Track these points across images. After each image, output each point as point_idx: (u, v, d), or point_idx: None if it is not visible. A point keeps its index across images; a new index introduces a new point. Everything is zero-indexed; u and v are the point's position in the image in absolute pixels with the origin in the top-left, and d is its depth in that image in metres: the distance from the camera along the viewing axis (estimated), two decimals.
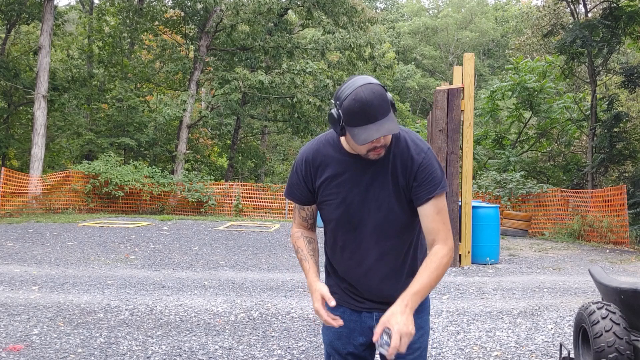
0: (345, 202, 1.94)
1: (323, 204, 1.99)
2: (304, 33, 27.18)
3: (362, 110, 1.75)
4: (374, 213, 1.93)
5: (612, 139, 15.11)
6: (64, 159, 25.11)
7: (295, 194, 2.04)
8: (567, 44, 14.73)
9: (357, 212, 1.94)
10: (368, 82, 1.78)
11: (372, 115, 1.75)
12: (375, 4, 50.08)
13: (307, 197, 2.02)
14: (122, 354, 4.15)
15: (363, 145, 1.83)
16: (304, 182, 2.00)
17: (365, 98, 1.75)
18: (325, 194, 1.96)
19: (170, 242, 10.05)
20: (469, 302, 5.90)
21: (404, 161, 1.92)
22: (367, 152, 1.86)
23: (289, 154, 30.23)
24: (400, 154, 1.93)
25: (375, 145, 1.84)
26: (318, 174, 1.97)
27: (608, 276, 3.46)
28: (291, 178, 2.05)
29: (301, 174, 2.00)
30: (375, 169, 1.93)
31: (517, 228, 12.60)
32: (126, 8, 21.71)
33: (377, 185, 1.93)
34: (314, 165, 1.98)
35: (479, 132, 21.68)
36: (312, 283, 1.98)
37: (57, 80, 20.19)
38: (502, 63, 36.09)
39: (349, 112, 1.77)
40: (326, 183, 1.96)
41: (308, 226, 2.11)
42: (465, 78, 8.70)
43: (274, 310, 5.42)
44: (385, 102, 1.78)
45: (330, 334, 2.08)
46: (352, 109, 1.76)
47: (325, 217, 2.02)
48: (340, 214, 1.95)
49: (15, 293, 5.93)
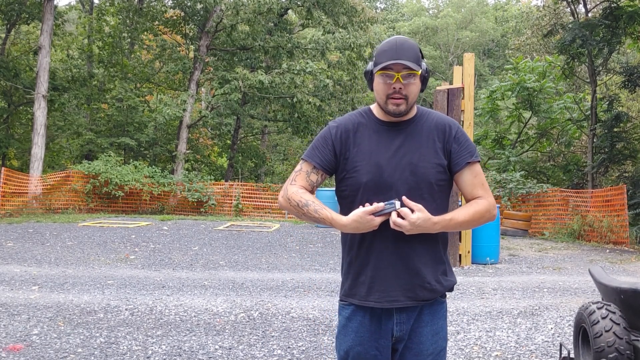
0: (377, 166, 1.93)
1: (353, 171, 1.95)
2: (304, 33, 27.18)
3: (390, 49, 1.89)
4: (408, 177, 1.93)
5: (612, 139, 15.11)
6: (64, 159, 25.11)
7: (318, 156, 2.00)
8: (567, 44, 14.73)
9: (391, 176, 1.93)
10: (407, 38, 1.94)
11: (398, 54, 1.88)
12: (375, 4, 50.07)
13: (328, 161, 2.00)
14: (122, 353, 4.15)
15: (383, 88, 1.92)
16: (333, 146, 1.99)
17: (396, 40, 1.91)
18: (357, 159, 1.95)
19: (170, 242, 10.05)
20: (469, 302, 5.90)
21: (441, 126, 2.00)
22: (387, 99, 1.92)
23: (289, 154, 30.22)
24: (435, 120, 2.02)
25: (395, 87, 1.90)
26: (351, 140, 1.99)
27: (608, 276, 3.46)
28: (317, 142, 2.03)
29: (331, 138, 2.00)
30: (411, 133, 1.98)
31: (517, 228, 12.60)
32: (126, 8, 21.71)
33: (412, 149, 1.95)
34: (347, 130, 2.00)
35: (479, 132, 21.67)
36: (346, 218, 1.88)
37: (57, 80, 20.18)
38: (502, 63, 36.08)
39: (380, 53, 1.92)
40: (359, 149, 1.97)
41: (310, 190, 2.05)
42: (465, 78, 8.70)
43: (274, 310, 5.42)
44: (414, 52, 1.90)
45: (349, 340, 2.01)
46: (382, 47, 1.92)
47: (354, 187, 1.95)
48: (370, 178, 1.92)
49: (15, 293, 5.93)
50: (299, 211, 1.97)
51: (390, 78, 1.90)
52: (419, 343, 1.99)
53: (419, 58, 1.92)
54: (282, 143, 31.26)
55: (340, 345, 2.04)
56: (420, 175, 1.93)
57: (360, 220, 1.84)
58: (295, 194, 1.98)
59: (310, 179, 2.02)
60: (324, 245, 10.12)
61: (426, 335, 1.99)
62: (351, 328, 2.00)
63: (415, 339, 1.99)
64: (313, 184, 2.02)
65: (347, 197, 1.99)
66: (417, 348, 1.99)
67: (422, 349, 1.99)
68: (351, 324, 2.00)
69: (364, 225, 1.84)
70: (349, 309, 2.02)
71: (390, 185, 1.92)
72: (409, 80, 1.91)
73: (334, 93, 22.10)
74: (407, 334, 1.98)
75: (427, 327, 2.00)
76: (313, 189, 2.04)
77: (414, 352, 1.99)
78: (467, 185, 1.99)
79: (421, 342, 1.99)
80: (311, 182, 2.02)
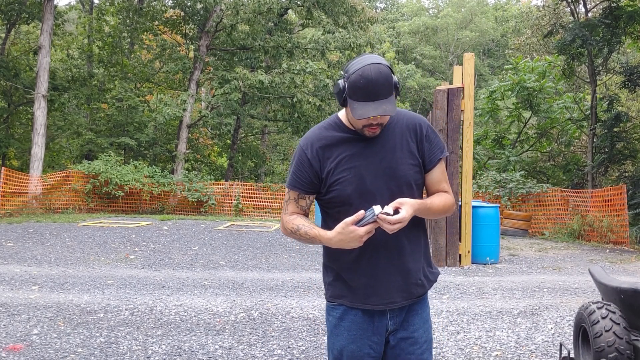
0: (359, 176, 1.95)
1: (336, 184, 1.96)
2: (304, 33, 27.15)
3: (365, 87, 1.83)
4: (389, 182, 1.96)
5: (612, 139, 15.11)
6: (64, 159, 25.09)
7: (300, 182, 2.01)
8: (567, 44, 14.72)
9: (372, 184, 1.95)
10: (377, 62, 1.86)
11: (374, 94, 1.83)
12: (375, 3, 50.06)
13: (311, 184, 2.00)
14: (122, 353, 4.15)
15: (359, 121, 1.90)
16: (311, 168, 1.98)
17: (370, 76, 1.83)
18: (337, 172, 1.96)
19: (170, 241, 10.04)
20: (469, 302, 5.90)
21: (412, 126, 2.03)
22: (363, 127, 1.93)
23: (289, 153, 30.20)
24: (406, 120, 2.03)
25: (372, 122, 1.90)
26: (326, 155, 1.98)
27: (608, 276, 3.45)
28: (295, 167, 2.02)
29: (307, 159, 1.99)
30: (384, 139, 1.99)
31: (517, 228, 12.60)
32: (126, 8, 21.70)
33: (387, 154, 1.98)
34: (321, 147, 1.99)
35: (479, 132, 21.66)
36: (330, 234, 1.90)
37: (57, 80, 20.18)
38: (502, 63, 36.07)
39: (354, 86, 1.85)
40: (337, 162, 1.97)
41: (304, 214, 2.08)
42: (465, 78, 8.70)
43: (274, 310, 5.42)
44: (389, 85, 1.85)
45: (342, 339, 2.02)
46: (357, 83, 1.84)
47: (338, 199, 1.97)
48: (354, 188, 1.94)
49: (15, 293, 5.93)
50: (295, 236, 2.02)
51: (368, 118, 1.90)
52: (413, 332, 2.04)
53: (392, 86, 1.86)
54: (282, 143, 31.25)
55: (334, 345, 2.05)
56: (400, 178, 1.97)
57: (343, 232, 1.84)
58: (288, 222, 2.03)
59: (299, 204, 2.05)
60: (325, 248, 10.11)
61: (418, 323, 2.05)
62: (343, 327, 2.02)
63: (410, 328, 2.04)
64: (304, 208, 2.06)
65: (332, 209, 2.01)
66: (413, 337, 2.04)
67: (417, 337, 2.04)
68: (343, 323, 2.02)
69: (349, 237, 1.84)
70: (340, 309, 2.03)
71: (374, 192, 1.95)
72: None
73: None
74: (399, 325, 2.03)
75: (418, 315, 2.06)
76: (307, 212, 2.07)
77: (410, 341, 2.04)
78: (435, 182, 2.06)
79: (415, 330, 2.04)
80: (302, 207, 2.05)
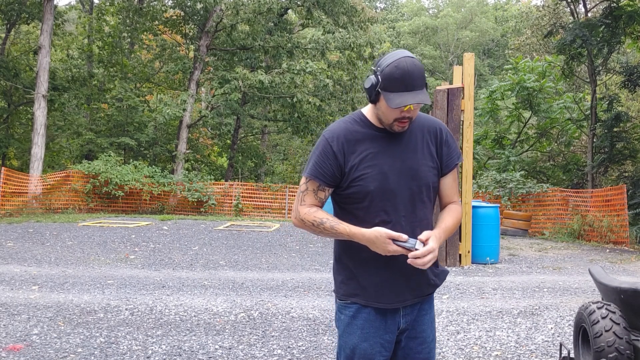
0: (382, 174, 1.96)
1: (359, 180, 1.96)
2: (304, 33, 27.16)
3: (402, 78, 1.87)
4: (410, 182, 1.98)
5: (612, 138, 15.11)
6: (64, 159, 25.11)
7: (322, 174, 1.98)
8: (567, 44, 14.73)
9: (395, 182, 1.96)
10: (410, 56, 1.92)
11: (410, 84, 1.87)
12: (375, 3, 50.07)
13: (333, 176, 1.99)
14: (122, 353, 4.15)
15: (392, 113, 1.92)
16: (335, 160, 1.97)
17: (407, 67, 1.87)
18: (361, 168, 1.96)
19: (170, 241, 10.05)
20: (469, 302, 5.90)
21: (432, 129, 2.08)
22: (393, 121, 1.95)
23: (289, 153, 30.22)
24: (426, 124, 2.07)
25: (405, 115, 1.93)
26: (351, 149, 1.98)
27: (608, 276, 3.45)
28: (318, 158, 2.00)
29: (333, 152, 1.98)
30: (406, 139, 2.01)
31: (517, 228, 12.60)
32: (126, 8, 21.70)
33: (410, 154, 2.00)
34: (346, 141, 1.99)
35: (479, 132, 21.66)
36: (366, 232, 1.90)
37: (57, 80, 20.17)
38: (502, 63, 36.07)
39: (389, 78, 1.88)
40: (361, 157, 1.97)
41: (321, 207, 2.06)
42: (465, 78, 8.70)
43: (274, 310, 5.42)
44: (423, 77, 1.90)
45: (355, 338, 2.02)
46: (392, 75, 1.87)
47: (359, 194, 1.97)
48: (377, 185, 1.95)
49: (15, 293, 5.93)
50: (314, 230, 1.99)
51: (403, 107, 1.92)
52: (421, 331, 2.08)
53: (425, 78, 1.93)
54: (282, 143, 31.26)
55: (346, 343, 2.05)
56: (421, 180, 2.00)
57: (378, 239, 1.87)
58: (308, 214, 2.00)
59: (318, 196, 2.02)
60: (324, 245, 10.12)
61: (427, 323, 2.09)
62: (356, 325, 2.02)
63: (419, 328, 2.07)
64: (322, 200, 2.04)
65: (350, 204, 2.01)
66: (421, 336, 2.08)
67: (425, 337, 2.08)
68: (356, 321, 2.03)
69: (379, 246, 1.88)
70: (353, 307, 2.03)
71: (395, 191, 1.96)
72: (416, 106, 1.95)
73: (334, 93, 22.11)
74: (410, 324, 2.06)
75: (427, 315, 2.10)
76: (322, 205, 2.06)
77: (419, 340, 2.07)
78: (448, 189, 2.10)
79: (424, 330, 2.08)
80: (320, 199, 2.03)
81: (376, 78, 1.92)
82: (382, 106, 1.94)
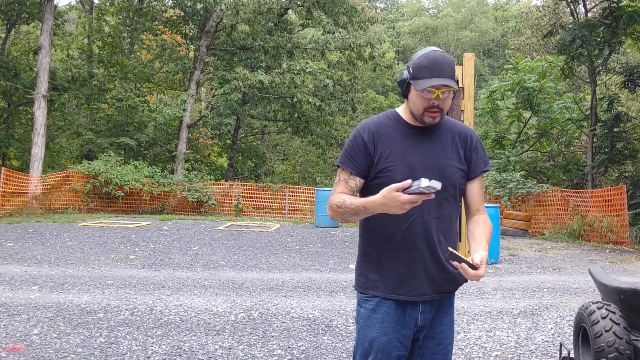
0: (410, 167, 2.00)
1: (386, 171, 2.00)
2: (304, 33, 27.16)
3: (430, 65, 1.93)
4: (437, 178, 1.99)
5: (612, 139, 15.11)
6: (64, 159, 25.10)
7: (351, 162, 2.04)
8: (566, 44, 14.72)
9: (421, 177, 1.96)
10: (441, 50, 2.00)
11: (438, 71, 1.93)
12: (375, 3, 50.06)
13: (363, 165, 2.03)
14: (122, 353, 4.15)
15: (422, 101, 1.97)
16: (365, 150, 2.03)
17: (436, 57, 1.95)
18: (389, 160, 2.01)
19: (170, 242, 10.05)
20: (468, 302, 5.90)
21: (463, 134, 2.12)
22: (424, 111, 1.99)
23: (289, 153, 30.21)
24: (457, 128, 2.14)
25: (434, 103, 1.96)
26: (382, 141, 2.03)
27: (608, 276, 3.46)
28: (349, 147, 2.06)
29: (363, 141, 2.03)
30: (436, 138, 2.06)
31: (517, 228, 12.60)
32: (126, 8, 21.69)
33: (439, 153, 2.05)
34: (377, 133, 2.04)
35: (479, 132, 21.66)
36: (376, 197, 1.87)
37: (57, 80, 20.17)
38: (502, 63, 36.06)
39: (419, 66, 1.96)
40: (390, 150, 2.02)
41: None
42: (465, 78, 8.69)
43: (274, 310, 5.42)
44: (452, 68, 1.95)
45: (374, 331, 2.04)
46: (422, 63, 1.95)
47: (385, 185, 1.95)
48: (404, 178, 1.95)
49: (15, 293, 5.93)
50: (340, 212, 2.01)
51: (431, 94, 1.96)
52: (440, 332, 2.09)
53: (454, 72, 1.97)
54: (282, 143, 31.24)
55: (365, 336, 2.06)
56: (448, 178, 2.03)
57: (387, 197, 1.84)
58: (334, 199, 2.04)
59: (349, 185, 2.06)
60: (324, 245, 10.12)
61: (446, 324, 2.11)
62: (376, 319, 2.04)
63: (437, 329, 2.09)
64: (353, 189, 2.06)
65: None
66: (439, 337, 2.09)
67: (444, 338, 2.10)
68: (376, 315, 2.04)
69: (392, 203, 1.82)
70: (374, 300, 2.05)
71: None
72: (445, 95, 1.98)
73: (334, 93, 22.10)
74: (428, 323, 2.07)
75: (447, 316, 2.12)
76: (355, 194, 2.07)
77: (436, 341, 2.08)
78: (474, 195, 2.13)
79: (442, 331, 2.09)
80: (350, 187, 2.06)
81: (408, 72, 1.99)
82: (412, 96, 2.01)
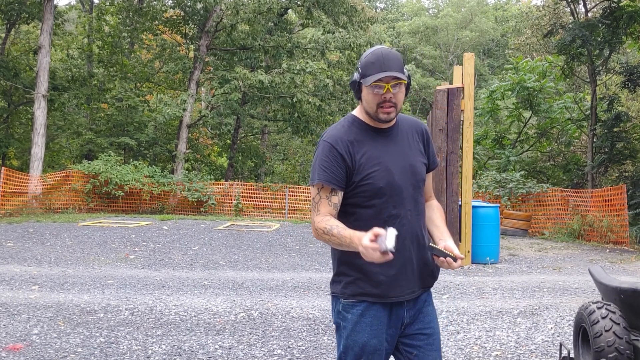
0: (388, 170, 2.02)
1: (368, 178, 2.00)
2: (304, 33, 27.15)
3: (377, 60, 1.95)
4: (411, 177, 2.06)
5: (612, 139, 15.11)
6: (64, 159, 25.10)
7: (334, 177, 1.98)
8: (567, 44, 14.72)
9: (400, 178, 2.03)
10: (389, 48, 2.02)
11: (385, 65, 1.94)
12: (375, 3, 50.05)
13: (343, 178, 2.01)
14: (122, 353, 4.15)
15: (373, 98, 1.98)
16: (344, 162, 2.00)
17: (381, 52, 1.97)
18: (368, 166, 2.01)
19: (170, 241, 10.04)
20: (468, 302, 5.90)
21: (418, 128, 2.18)
22: (377, 108, 1.99)
23: (289, 153, 30.21)
24: (411, 123, 2.18)
25: (385, 97, 1.97)
26: (355, 150, 2.02)
27: (608, 276, 3.45)
28: (325, 162, 1.99)
29: (340, 154, 2.00)
30: (400, 136, 2.10)
31: (517, 228, 12.60)
32: (126, 8, 21.69)
33: (407, 151, 2.09)
34: (350, 142, 2.03)
35: (479, 132, 21.66)
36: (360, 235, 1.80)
37: (57, 79, 20.17)
38: (502, 63, 36.06)
39: (366, 64, 1.97)
40: (367, 157, 2.02)
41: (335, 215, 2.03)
42: (465, 78, 8.70)
43: (274, 310, 5.42)
44: (399, 62, 1.96)
45: (364, 335, 2.03)
46: (369, 60, 1.97)
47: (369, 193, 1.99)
48: (386, 182, 2.00)
49: (15, 293, 5.93)
50: (326, 238, 1.96)
51: (381, 89, 1.97)
52: (429, 322, 2.11)
53: (403, 66, 1.98)
54: (282, 143, 31.24)
55: (355, 342, 2.03)
56: (418, 175, 2.09)
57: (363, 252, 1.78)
58: (321, 222, 1.97)
59: (332, 201, 2.01)
60: (324, 245, 10.12)
61: (431, 313, 2.14)
62: (365, 323, 2.03)
63: (425, 319, 2.10)
64: (336, 205, 2.02)
65: (359, 205, 2.02)
66: (430, 328, 2.10)
67: (434, 328, 2.12)
68: (365, 319, 2.04)
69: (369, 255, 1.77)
70: (362, 305, 2.03)
71: (401, 186, 2.03)
72: (396, 90, 1.99)
73: (334, 93, 22.09)
74: (415, 316, 2.09)
75: (430, 305, 2.14)
76: (337, 211, 2.03)
77: (428, 332, 2.10)
78: (428, 184, 2.23)
79: (430, 320, 2.12)
80: (334, 204, 2.02)
81: (357, 72, 2.01)
82: (364, 95, 2.02)
